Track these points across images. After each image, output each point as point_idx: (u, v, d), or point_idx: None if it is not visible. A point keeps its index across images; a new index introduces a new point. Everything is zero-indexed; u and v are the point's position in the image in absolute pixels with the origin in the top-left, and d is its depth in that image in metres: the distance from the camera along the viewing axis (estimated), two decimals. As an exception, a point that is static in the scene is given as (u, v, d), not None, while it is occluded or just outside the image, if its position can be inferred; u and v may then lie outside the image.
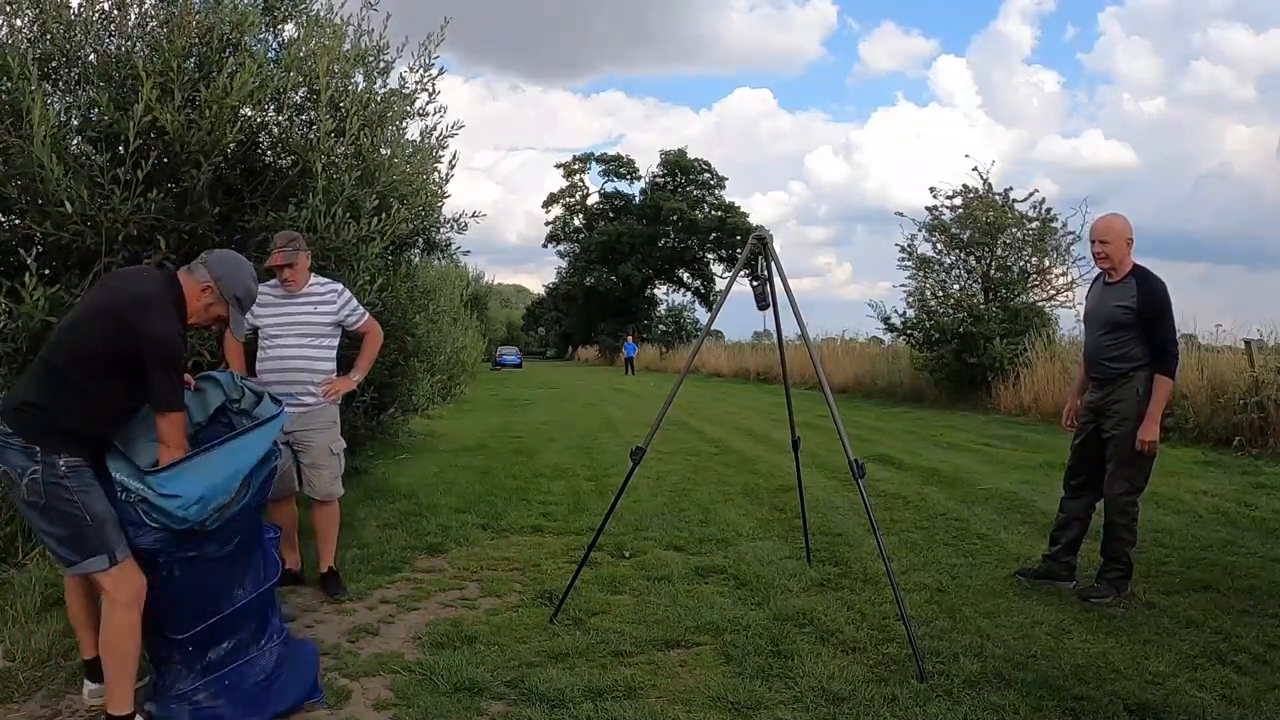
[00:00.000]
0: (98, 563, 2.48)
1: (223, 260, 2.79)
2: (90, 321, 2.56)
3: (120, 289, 2.59)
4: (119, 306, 2.53)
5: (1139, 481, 3.94)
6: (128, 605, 2.52)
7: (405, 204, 5.10)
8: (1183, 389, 9.19)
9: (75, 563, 2.50)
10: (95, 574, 2.50)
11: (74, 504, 2.46)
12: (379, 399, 6.13)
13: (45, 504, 2.46)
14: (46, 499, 2.45)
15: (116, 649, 2.53)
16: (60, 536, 2.49)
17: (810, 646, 3.35)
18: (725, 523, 5.50)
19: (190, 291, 2.68)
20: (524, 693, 2.92)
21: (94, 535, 2.48)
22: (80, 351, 2.52)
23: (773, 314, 4.09)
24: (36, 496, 2.45)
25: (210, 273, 2.71)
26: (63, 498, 2.46)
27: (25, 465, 2.45)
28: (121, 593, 2.51)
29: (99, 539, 2.49)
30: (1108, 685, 2.97)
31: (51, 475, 2.45)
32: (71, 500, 2.46)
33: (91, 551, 2.48)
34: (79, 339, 2.54)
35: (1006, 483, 6.86)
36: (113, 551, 2.50)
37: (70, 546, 2.49)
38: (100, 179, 3.88)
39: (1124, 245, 3.93)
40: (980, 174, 15.18)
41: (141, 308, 2.52)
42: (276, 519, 3.98)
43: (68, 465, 2.47)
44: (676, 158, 51.20)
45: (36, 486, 2.44)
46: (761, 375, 25.23)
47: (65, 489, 2.46)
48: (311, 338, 3.95)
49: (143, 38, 4.34)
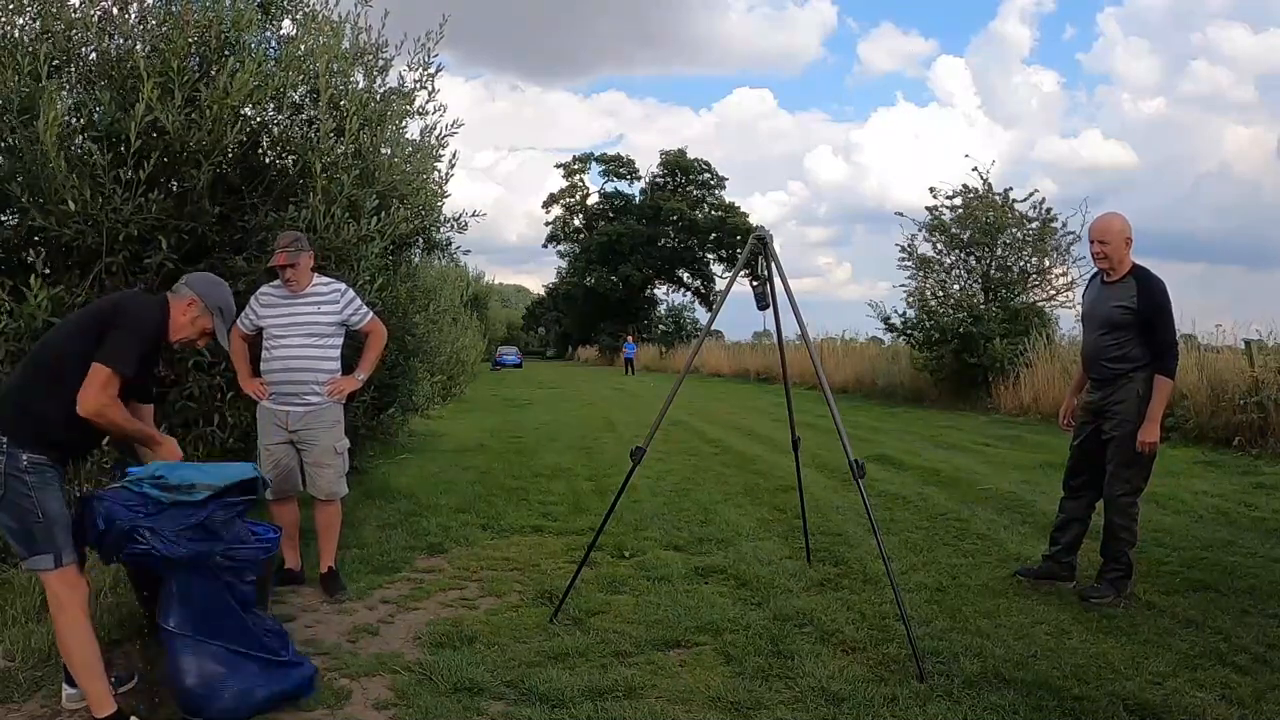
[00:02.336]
0: (43, 561, 2.55)
1: (201, 279, 3.01)
2: (78, 321, 2.71)
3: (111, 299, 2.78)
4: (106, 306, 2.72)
5: (1139, 482, 3.94)
6: (66, 607, 2.57)
7: (405, 204, 5.10)
8: (1183, 389, 9.18)
9: (25, 557, 2.58)
10: (40, 573, 2.57)
11: (29, 499, 2.52)
12: (379, 399, 6.13)
13: (3, 495, 2.51)
14: (4, 490, 2.50)
15: (70, 651, 2.59)
16: (12, 529, 2.56)
17: (810, 646, 3.35)
18: (725, 523, 5.50)
19: (176, 309, 2.87)
20: (524, 693, 2.92)
21: (43, 533, 2.54)
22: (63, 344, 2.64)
23: (773, 314, 4.09)
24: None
25: (192, 290, 2.91)
26: (19, 491, 2.51)
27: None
28: (60, 596, 2.57)
29: (47, 538, 2.54)
30: (1108, 685, 2.97)
31: (13, 467, 2.51)
32: (28, 495, 2.52)
33: (39, 549, 2.54)
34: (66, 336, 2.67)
35: (1006, 483, 6.86)
36: (60, 553, 2.55)
37: (20, 539, 2.56)
38: (102, 178, 3.88)
39: (1123, 245, 3.92)
40: (980, 174, 15.20)
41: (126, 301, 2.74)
42: (278, 518, 3.98)
43: (30, 461, 2.53)
44: (676, 158, 51.19)
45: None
46: (761, 375, 25.21)
47: (24, 483, 2.52)
48: (316, 337, 3.96)
49: (143, 37, 4.34)
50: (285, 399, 3.96)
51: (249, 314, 4.02)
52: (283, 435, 3.97)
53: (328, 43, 4.73)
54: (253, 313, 4.01)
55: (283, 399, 3.96)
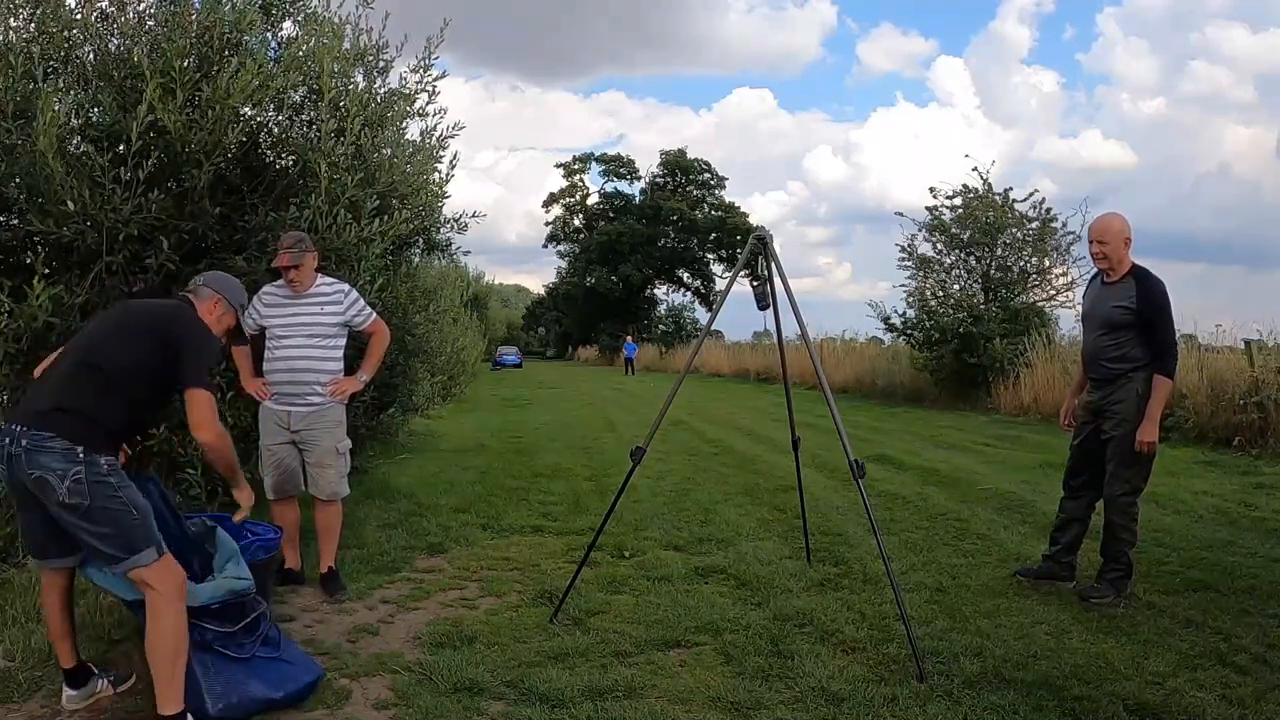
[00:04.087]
0: (148, 555, 2.51)
1: (218, 278, 3.08)
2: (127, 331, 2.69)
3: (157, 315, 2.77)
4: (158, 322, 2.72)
5: (1139, 482, 3.94)
6: (174, 597, 2.54)
7: (406, 204, 5.10)
8: (1183, 389, 9.18)
9: (123, 559, 2.50)
10: (142, 569, 2.50)
11: (119, 499, 2.49)
12: (379, 399, 6.13)
13: (90, 504, 2.45)
14: (91, 499, 2.45)
15: (168, 647, 2.52)
16: (106, 535, 2.48)
17: (810, 646, 3.35)
18: (725, 523, 5.50)
19: (203, 310, 2.91)
20: (524, 693, 2.92)
21: (141, 529, 2.51)
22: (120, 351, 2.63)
23: (773, 314, 4.09)
24: (80, 498, 2.44)
25: (214, 290, 2.98)
26: (108, 495, 2.47)
27: (66, 467, 2.43)
28: (168, 585, 2.54)
29: (145, 532, 2.52)
30: (1108, 685, 2.97)
31: (95, 474, 2.46)
32: (117, 495, 2.48)
33: (141, 544, 2.50)
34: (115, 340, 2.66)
35: (1006, 483, 6.86)
36: (160, 543, 2.55)
37: (118, 544, 2.49)
38: (101, 178, 3.88)
39: (1122, 245, 3.92)
40: (980, 174, 15.21)
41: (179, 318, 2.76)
42: (279, 519, 3.99)
43: (108, 463, 2.50)
44: (676, 158, 51.18)
45: (80, 487, 2.43)
46: (761, 375, 25.21)
47: (110, 485, 2.48)
48: (318, 338, 3.96)
49: (142, 37, 4.34)
50: (287, 399, 3.96)
51: (252, 314, 4.02)
52: (284, 435, 3.97)
53: (328, 44, 4.73)
54: (255, 312, 4.01)
55: (285, 399, 3.96)
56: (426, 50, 5.29)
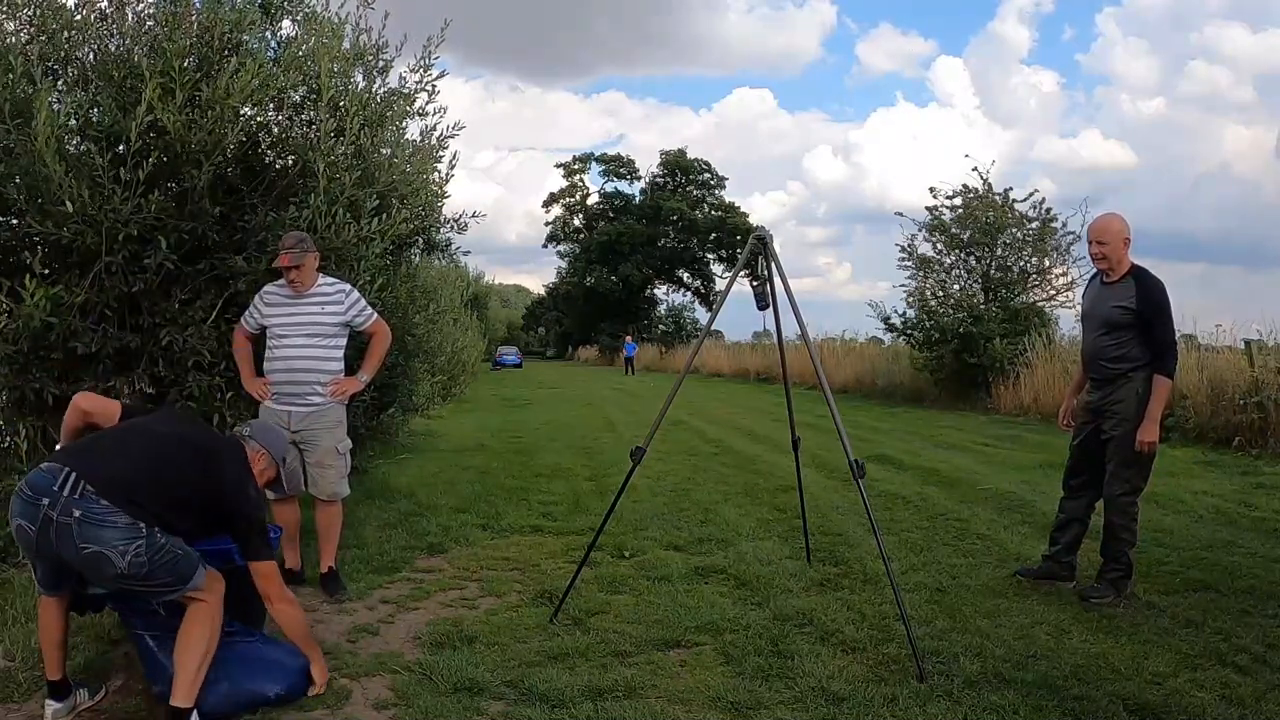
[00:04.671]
0: (199, 578, 2.63)
1: (264, 430, 3.19)
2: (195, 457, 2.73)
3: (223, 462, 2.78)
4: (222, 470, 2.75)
5: (1139, 482, 3.94)
6: (217, 605, 2.67)
7: (405, 204, 5.09)
8: (1183, 389, 9.18)
9: (180, 589, 2.60)
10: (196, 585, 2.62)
11: (169, 550, 2.55)
12: (379, 399, 6.13)
13: (148, 571, 2.50)
14: (150, 566, 2.50)
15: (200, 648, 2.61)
16: (168, 584, 2.58)
17: (810, 646, 3.35)
18: (725, 523, 5.50)
19: (253, 460, 2.98)
20: (524, 693, 2.92)
21: (188, 561, 2.61)
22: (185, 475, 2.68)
23: (773, 314, 4.09)
24: (139, 568, 2.48)
25: (260, 444, 3.05)
26: (162, 549, 2.53)
27: (129, 541, 2.45)
28: (215, 594, 2.66)
29: (191, 561, 2.62)
30: (1108, 685, 2.97)
31: (154, 543, 2.51)
32: (166, 547, 2.55)
33: (192, 573, 2.61)
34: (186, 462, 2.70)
35: (1006, 483, 6.86)
36: (202, 562, 2.66)
37: (175, 585, 2.59)
38: (101, 179, 3.88)
39: (1122, 245, 3.92)
40: (980, 174, 15.20)
41: (242, 478, 2.80)
42: (279, 518, 3.98)
43: (158, 529, 2.55)
44: (676, 158, 51.17)
45: (141, 558, 2.47)
46: (761, 375, 25.21)
47: (163, 547, 2.53)
48: (319, 338, 3.96)
49: (142, 37, 4.34)
50: (288, 399, 3.96)
51: (253, 313, 4.02)
52: (285, 435, 3.97)
53: (328, 44, 4.73)
54: (257, 311, 4.01)
55: (285, 399, 3.96)
56: (426, 50, 5.28)
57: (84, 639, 3.27)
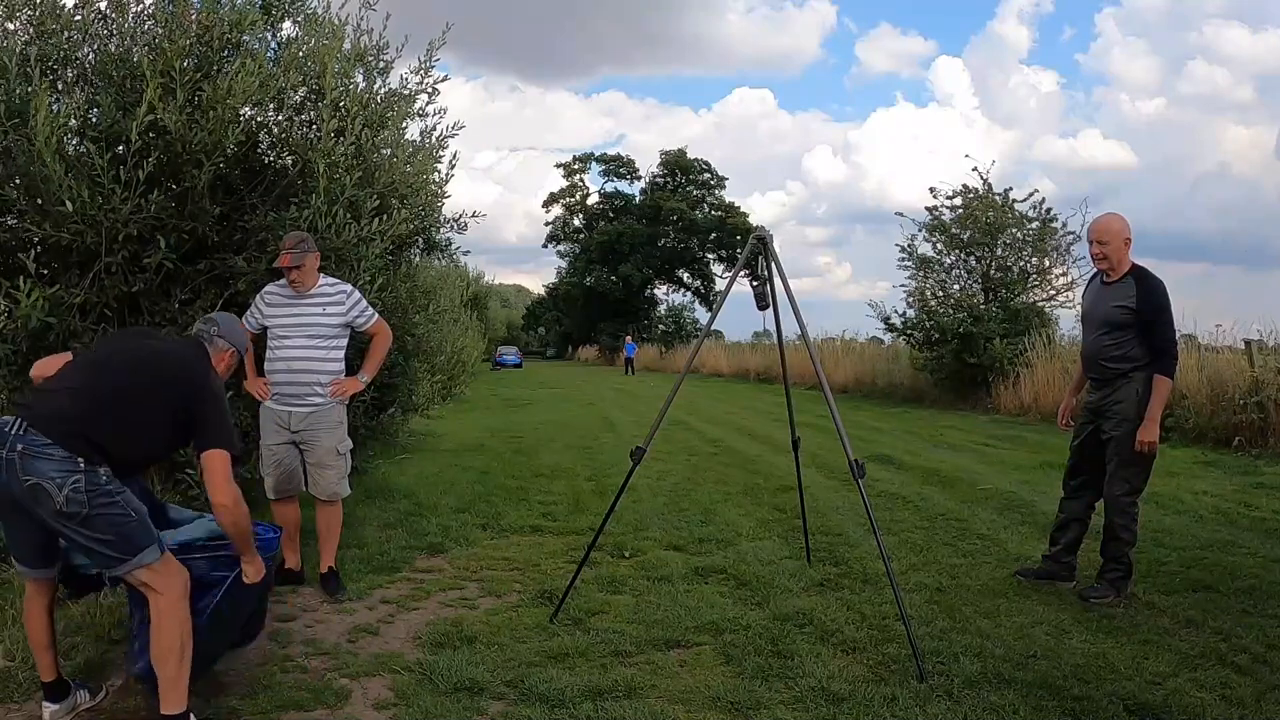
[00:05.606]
0: (151, 554, 2.53)
1: (228, 322, 3.11)
2: (141, 374, 2.68)
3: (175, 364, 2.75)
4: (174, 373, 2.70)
5: (1139, 482, 3.94)
6: (178, 600, 2.56)
7: (405, 204, 5.10)
8: (1183, 389, 9.18)
9: (126, 561, 2.50)
10: (145, 569, 2.52)
11: (117, 504, 2.49)
12: (379, 399, 6.13)
13: (87, 512, 2.45)
14: (89, 507, 2.44)
15: (173, 650, 2.53)
16: (107, 540, 2.49)
17: (810, 646, 3.35)
18: (725, 523, 5.50)
19: (216, 360, 2.95)
20: (524, 693, 2.92)
21: (140, 529, 2.53)
22: (126, 389, 2.62)
23: (773, 314, 4.09)
24: (78, 506, 2.43)
25: (226, 341, 3.02)
26: (106, 502, 2.47)
27: (65, 474, 2.43)
28: (171, 588, 2.55)
29: (144, 531, 2.54)
30: (1108, 685, 2.97)
31: (94, 484, 2.46)
32: (115, 501, 2.49)
33: (142, 544, 2.52)
34: (130, 384, 2.64)
35: (1006, 483, 6.86)
36: (159, 540, 2.57)
37: (119, 547, 2.50)
38: (101, 179, 3.88)
39: (1122, 245, 3.92)
40: (980, 174, 15.21)
41: (197, 372, 2.77)
42: (279, 518, 3.99)
43: (107, 473, 2.50)
44: (676, 158, 51.21)
45: (79, 495, 2.43)
46: (761, 375, 25.21)
47: (108, 492, 2.48)
48: (320, 338, 3.96)
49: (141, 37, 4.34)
50: (288, 399, 3.96)
51: (254, 313, 4.02)
52: (285, 435, 3.97)
53: (329, 44, 4.73)
54: (258, 311, 4.01)
55: (285, 399, 3.96)
56: (428, 53, 5.30)
57: (84, 639, 3.27)
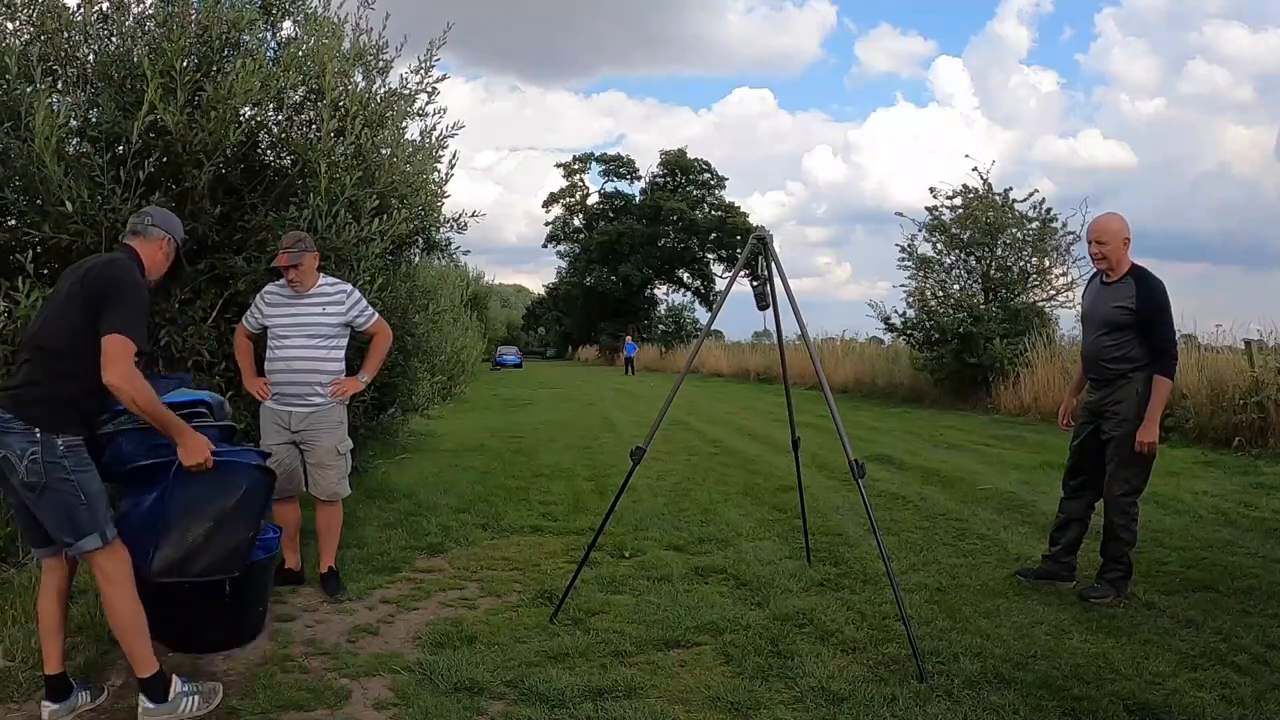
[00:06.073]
0: (92, 541, 2.60)
1: (162, 214, 3.00)
2: (64, 300, 2.70)
3: (87, 271, 2.73)
4: (87, 280, 2.67)
5: (1139, 482, 3.94)
6: (121, 583, 2.66)
7: (405, 204, 5.10)
8: (1183, 389, 9.18)
9: (72, 542, 2.61)
10: (89, 554, 2.62)
11: (70, 483, 2.57)
12: (379, 399, 6.13)
13: (44, 484, 2.54)
14: (45, 479, 2.54)
15: (123, 618, 2.66)
16: (57, 518, 2.59)
17: (810, 646, 3.35)
18: (725, 523, 5.51)
19: (151, 249, 2.87)
20: (524, 693, 2.92)
21: (87, 515, 2.60)
22: (60, 323, 2.65)
23: (773, 314, 4.09)
24: (36, 477, 2.54)
25: (164, 230, 2.92)
26: (59, 477, 2.55)
27: (25, 447, 2.53)
28: (114, 571, 2.65)
29: (91, 519, 2.60)
30: (1108, 685, 2.97)
31: (50, 454, 2.55)
32: (68, 479, 2.57)
33: (86, 531, 2.59)
34: (58, 314, 2.67)
35: (1006, 483, 6.86)
36: (104, 530, 2.63)
37: (67, 528, 2.59)
38: (101, 179, 3.88)
39: (1121, 245, 3.92)
40: (980, 174, 15.21)
41: (107, 270, 2.70)
42: (279, 518, 3.98)
43: (66, 445, 2.58)
44: (676, 158, 51.21)
45: (36, 467, 2.53)
46: (761, 375, 25.21)
47: (63, 469, 2.56)
48: (320, 338, 3.96)
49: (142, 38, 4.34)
50: (288, 399, 3.96)
51: (254, 313, 4.02)
52: (285, 435, 3.97)
53: (328, 44, 4.73)
54: (258, 311, 4.01)
55: (286, 399, 3.96)
56: (428, 53, 5.29)
57: (84, 639, 3.28)
